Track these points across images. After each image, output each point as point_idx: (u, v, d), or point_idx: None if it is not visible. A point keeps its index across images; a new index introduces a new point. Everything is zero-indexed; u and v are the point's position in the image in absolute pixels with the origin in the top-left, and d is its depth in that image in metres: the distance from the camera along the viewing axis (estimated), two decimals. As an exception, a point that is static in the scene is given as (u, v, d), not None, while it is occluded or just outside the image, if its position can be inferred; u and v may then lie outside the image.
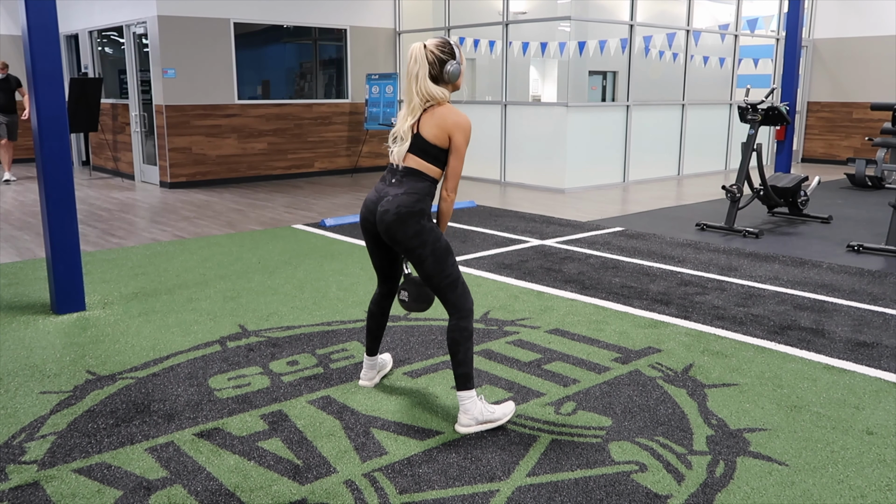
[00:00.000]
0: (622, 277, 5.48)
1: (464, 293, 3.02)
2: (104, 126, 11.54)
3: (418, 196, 2.96)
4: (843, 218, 8.08)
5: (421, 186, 2.97)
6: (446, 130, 2.94)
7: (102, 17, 11.14)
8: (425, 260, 2.96)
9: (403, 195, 2.96)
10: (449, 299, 3.01)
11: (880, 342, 4.13)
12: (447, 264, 2.98)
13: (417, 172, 2.98)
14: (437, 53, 2.94)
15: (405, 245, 2.97)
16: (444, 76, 2.96)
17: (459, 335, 3.00)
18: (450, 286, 3.00)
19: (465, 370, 3.01)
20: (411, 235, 2.94)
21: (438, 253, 2.97)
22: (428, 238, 2.95)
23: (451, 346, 3.01)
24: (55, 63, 4.36)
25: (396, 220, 2.93)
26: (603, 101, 16.64)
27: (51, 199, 4.46)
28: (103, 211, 8.42)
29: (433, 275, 2.98)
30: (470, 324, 3.02)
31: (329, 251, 6.32)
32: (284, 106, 10.97)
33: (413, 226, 2.93)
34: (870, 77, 12.80)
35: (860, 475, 2.73)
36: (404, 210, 2.93)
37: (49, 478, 2.69)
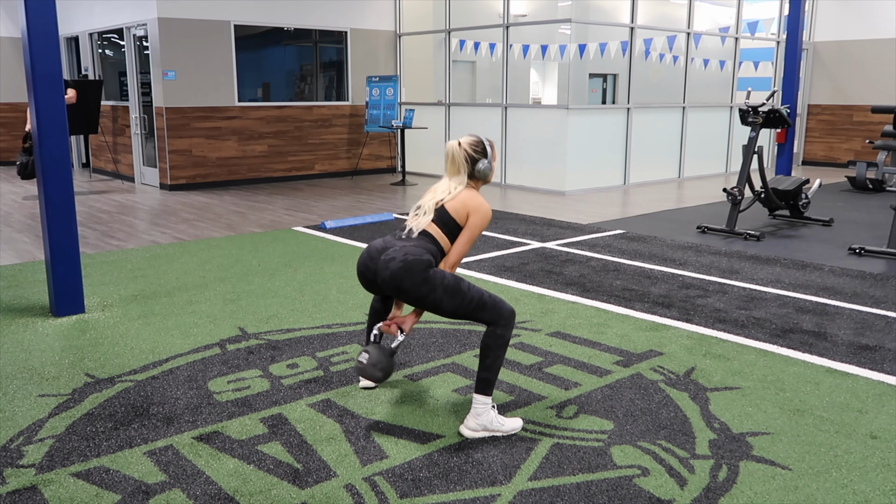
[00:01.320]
0: (623, 280, 5.46)
1: (494, 307, 2.99)
2: (104, 128, 11.53)
3: (427, 251, 2.99)
4: (845, 221, 8.07)
5: (431, 247, 3.03)
6: (468, 209, 3.09)
7: (102, 20, 11.14)
8: (441, 302, 2.94)
9: (412, 247, 2.98)
10: (483, 318, 2.99)
11: (883, 345, 4.11)
12: (463, 292, 2.96)
13: (430, 236, 3.06)
14: (470, 153, 3.15)
15: (414, 294, 2.94)
16: (476, 174, 3.16)
17: (493, 342, 2.98)
18: (477, 309, 2.98)
19: (488, 375, 2.99)
20: (419, 283, 2.91)
21: (450, 289, 2.94)
22: (435, 281, 2.93)
23: (483, 350, 3.00)
24: (55, 66, 4.35)
25: (403, 268, 2.91)
26: (603, 103, 16.65)
27: (50, 201, 4.45)
28: (103, 213, 8.40)
29: (457, 310, 2.97)
30: (508, 332, 3.00)
31: (329, 253, 6.30)
32: (285, 108, 10.96)
33: (420, 273, 2.91)
34: (870, 80, 12.80)
35: (864, 479, 2.71)
36: (412, 258, 2.93)
37: (47, 482, 2.67)
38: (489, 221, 3.16)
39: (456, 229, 3.10)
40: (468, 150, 3.15)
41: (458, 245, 3.10)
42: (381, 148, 12.15)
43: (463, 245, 3.11)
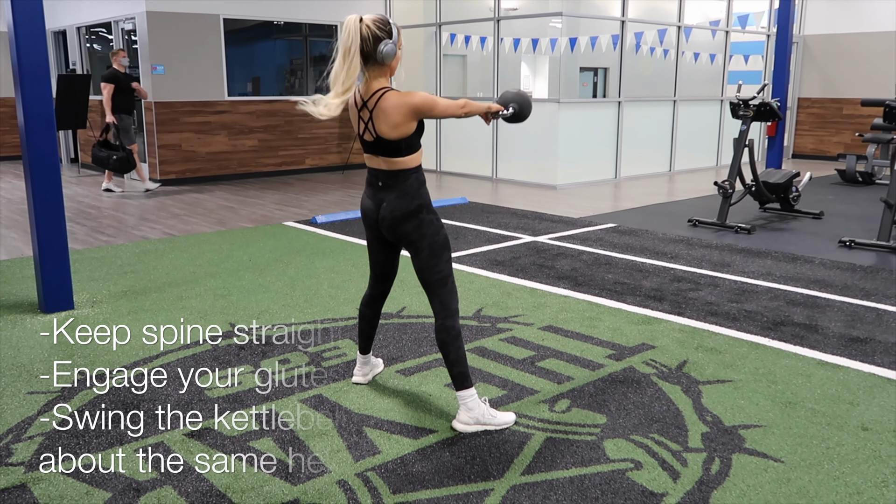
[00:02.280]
0: (615, 274, 5.47)
1: (451, 292, 3.00)
2: (93, 123, 11.44)
3: (411, 195, 2.94)
4: (835, 213, 8.10)
5: (409, 184, 2.94)
6: (408, 118, 2.82)
7: (90, 13, 11.04)
8: (421, 252, 2.95)
9: (396, 199, 2.95)
10: (437, 295, 2.98)
11: (873, 337, 4.13)
12: (441, 259, 2.96)
13: (397, 173, 2.93)
14: (374, 30, 2.76)
15: (406, 238, 2.98)
16: (378, 56, 2.78)
17: (447, 335, 2.97)
18: (440, 282, 2.98)
19: (459, 369, 2.98)
20: (411, 230, 2.95)
21: (435, 247, 2.96)
22: (426, 231, 2.95)
23: (442, 348, 2.99)
24: (42, 59, 4.30)
25: (395, 221, 2.96)
26: (594, 97, 16.64)
27: (38, 196, 4.41)
28: (92, 209, 8.34)
29: (425, 268, 2.97)
30: (456, 322, 3.00)
31: (320, 248, 6.28)
32: (275, 102, 10.90)
33: (412, 222, 2.94)
34: (860, 73, 12.83)
35: (855, 471, 2.72)
36: (399, 213, 2.94)
37: (36, 480, 2.64)
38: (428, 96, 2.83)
39: (412, 138, 2.87)
40: (371, 26, 2.75)
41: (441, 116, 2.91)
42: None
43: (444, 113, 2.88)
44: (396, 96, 2.82)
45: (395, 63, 2.88)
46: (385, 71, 2.87)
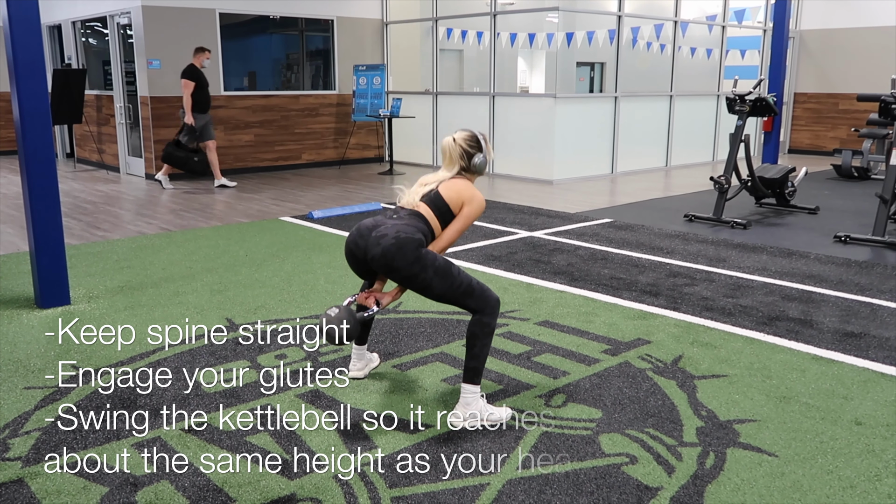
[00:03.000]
0: (611, 269, 5.48)
1: (482, 294, 3.00)
2: (88, 118, 11.41)
3: (417, 230, 2.98)
4: (830, 209, 8.12)
5: (421, 227, 3.02)
6: (462, 198, 3.12)
7: (86, 8, 11.00)
8: (431, 283, 2.94)
9: (404, 226, 2.97)
10: (469, 305, 3.00)
11: (868, 332, 4.15)
12: (453, 276, 2.96)
13: (421, 216, 3.05)
14: (466, 147, 3.20)
15: (405, 273, 2.92)
16: (472, 168, 3.22)
17: (480, 330, 2.98)
18: (464, 294, 2.98)
19: (476, 364, 2.99)
20: (411, 262, 2.90)
21: (441, 271, 2.94)
22: (427, 261, 2.93)
23: (469, 339, 3.00)
24: (37, 54, 4.29)
25: (395, 245, 2.90)
26: (591, 92, 16.64)
27: (34, 191, 4.40)
28: (88, 203, 8.33)
29: (445, 293, 2.97)
30: (493, 320, 3.01)
31: (317, 243, 6.28)
32: (271, 97, 10.89)
33: (412, 252, 2.91)
34: (856, 68, 12.85)
35: (849, 465, 2.74)
36: (404, 236, 2.92)
37: (34, 474, 2.65)
38: (482, 213, 3.21)
39: (448, 215, 3.11)
40: (463, 145, 3.19)
41: (450, 231, 3.12)
42: (369, 137, 12.10)
43: (454, 232, 3.13)
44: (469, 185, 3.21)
45: (484, 172, 3.32)
46: (474, 177, 3.29)
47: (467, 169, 3.23)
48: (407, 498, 2.51)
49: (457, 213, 3.13)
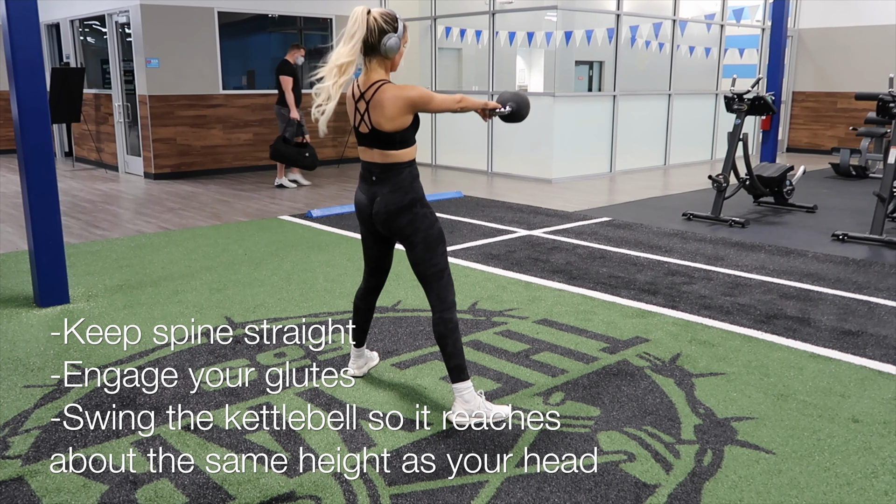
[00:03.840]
0: (609, 267, 5.49)
1: (448, 285, 3.02)
2: (87, 117, 11.41)
3: (404, 189, 2.95)
4: (828, 207, 8.13)
5: (402, 178, 2.95)
6: (404, 111, 2.84)
7: (84, 7, 10.99)
8: (416, 246, 2.97)
9: (389, 193, 2.95)
10: (433, 289, 3.00)
11: (865, 330, 4.16)
12: (437, 253, 2.98)
13: (391, 166, 2.93)
14: (381, 23, 2.82)
15: (400, 233, 2.99)
16: (382, 49, 2.83)
17: (444, 328, 2.99)
18: (435, 275, 2.99)
19: (456, 362, 3.00)
20: (405, 224, 2.96)
21: (430, 241, 2.97)
22: (420, 225, 2.95)
23: (439, 340, 3.01)
24: (36, 53, 4.29)
25: (389, 216, 2.96)
26: (590, 91, 16.65)
27: (33, 190, 4.40)
28: (87, 202, 8.33)
29: (420, 262, 2.98)
30: (454, 315, 3.01)
31: (316, 242, 6.28)
32: (270, 96, 10.88)
33: (406, 216, 2.95)
34: (854, 67, 12.86)
35: (846, 463, 2.75)
36: (393, 207, 2.95)
37: (33, 472, 2.66)
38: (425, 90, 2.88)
39: (408, 131, 2.89)
40: (378, 18, 2.82)
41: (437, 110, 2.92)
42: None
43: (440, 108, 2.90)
44: (394, 89, 2.84)
45: (398, 58, 2.91)
46: (386, 64, 2.91)
47: (374, 49, 2.83)
48: (406, 496, 2.52)
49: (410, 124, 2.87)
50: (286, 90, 8.92)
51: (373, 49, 2.85)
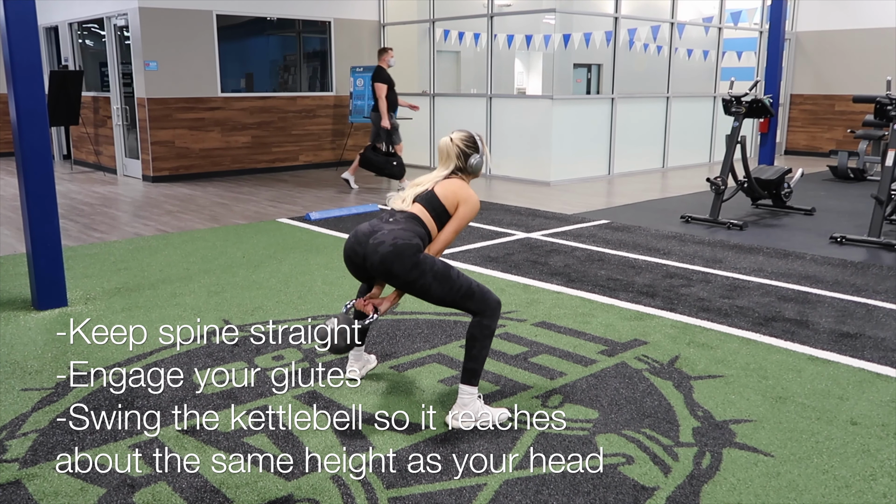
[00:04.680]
0: (608, 270, 5.49)
1: (482, 296, 2.99)
2: (85, 119, 11.41)
3: (415, 234, 2.97)
4: (826, 210, 8.14)
5: (418, 230, 3.00)
6: (458, 197, 3.12)
7: (83, 9, 11.00)
8: (430, 287, 2.94)
9: (400, 230, 2.96)
10: (470, 308, 3.00)
11: (863, 333, 4.16)
12: (452, 279, 2.96)
13: (417, 218, 3.05)
14: (462, 148, 3.21)
15: (404, 279, 2.93)
16: (469, 168, 3.23)
17: (479, 332, 2.98)
18: (465, 297, 2.98)
19: (475, 366, 3.00)
20: (410, 268, 2.91)
21: (440, 275, 2.94)
22: (426, 266, 2.93)
23: (469, 341, 3.00)
24: (34, 55, 4.29)
25: (393, 252, 2.90)
26: (588, 93, 16.66)
27: (31, 193, 4.40)
28: (85, 205, 8.33)
29: (444, 297, 2.97)
30: (494, 322, 3.01)
31: (314, 245, 6.28)
32: (268, 99, 10.89)
33: (410, 258, 2.91)
34: (852, 70, 12.89)
35: (844, 465, 2.75)
36: (401, 242, 2.91)
37: (31, 476, 2.65)
38: (477, 213, 3.23)
39: (444, 215, 3.11)
40: (460, 145, 3.20)
41: (446, 232, 3.12)
42: (366, 138, 12.08)
43: (450, 233, 3.13)
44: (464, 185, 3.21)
45: (480, 173, 3.34)
46: (470, 178, 3.30)
47: (463, 169, 3.24)
48: (404, 498, 2.52)
49: (452, 214, 3.13)
50: (380, 97, 8.80)
51: (461, 170, 3.26)
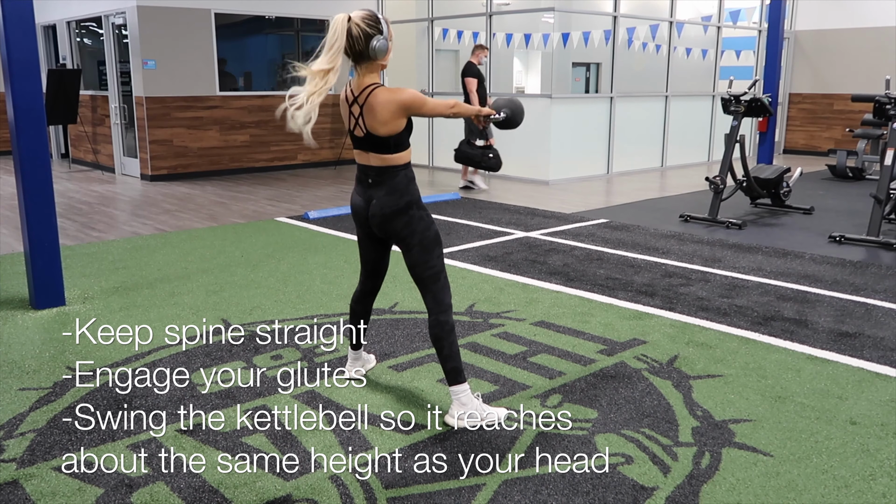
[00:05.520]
0: (607, 269, 5.48)
1: (444, 287, 3.01)
2: (83, 118, 11.39)
3: (400, 192, 2.95)
4: (825, 209, 8.14)
5: (398, 180, 2.95)
6: (397, 115, 2.83)
7: (81, 8, 10.97)
8: (412, 248, 2.96)
9: (385, 196, 2.95)
10: (430, 290, 2.99)
11: (862, 332, 4.16)
12: (433, 255, 2.97)
13: (386, 169, 2.94)
14: (364, 28, 2.78)
15: (396, 235, 2.99)
16: (371, 53, 2.80)
17: (441, 330, 2.98)
18: (432, 277, 2.98)
19: (453, 364, 2.99)
20: (401, 227, 2.96)
21: (426, 242, 2.96)
22: (417, 227, 2.95)
23: (436, 343, 3.00)
24: (32, 54, 4.28)
25: (385, 219, 2.96)
26: (587, 92, 16.66)
27: (28, 192, 4.39)
28: (83, 204, 8.31)
29: (417, 264, 2.97)
30: (450, 318, 3.00)
31: (313, 244, 6.27)
32: (266, 98, 10.87)
33: (402, 218, 2.94)
34: (850, 69, 12.89)
35: (844, 465, 2.75)
36: (389, 210, 2.95)
37: (29, 476, 2.64)
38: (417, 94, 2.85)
39: (402, 135, 2.88)
40: (361, 24, 2.78)
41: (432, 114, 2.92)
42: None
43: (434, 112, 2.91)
44: (386, 92, 2.84)
45: (387, 58, 2.89)
46: (376, 67, 2.90)
47: (362, 55, 2.81)
48: (403, 499, 2.51)
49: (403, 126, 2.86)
50: (470, 92, 8.90)
51: (361, 55, 2.84)
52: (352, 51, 2.82)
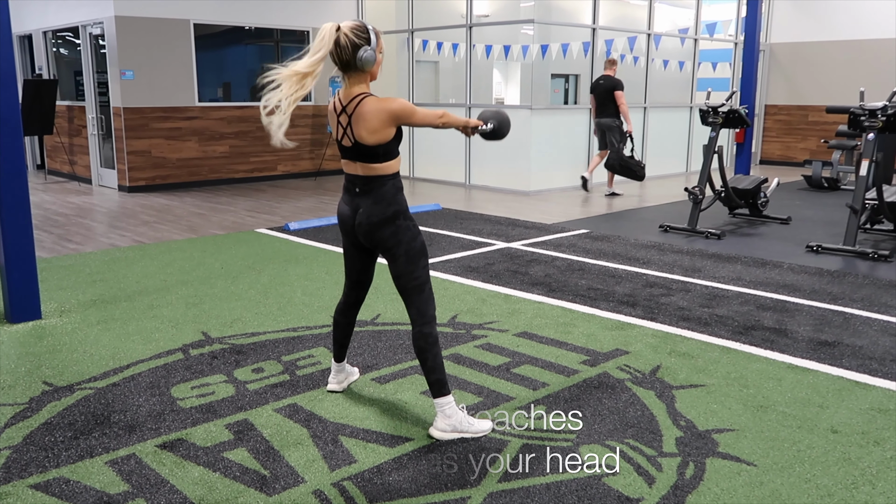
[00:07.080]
0: (588, 279, 5.50)
1: (429, 299, 3.00)
2: (60, 129, 11.26)
3: (387, 201, 2.93)
4: (802, 219, 8.24)
5: (385, 190, 2.94)
6: (387, 124, 2.82)
7: (57, 18, 10.87)
8: (398, 258, 2.94)
9: (373, 205, 2.93)
10: (414, 302, 2.98)
11: (841, 341, 4.20)
12: (418, 266, 2.96)
13: (374, 178, 2.93)
14: (352, 38, 2.78)
15: (383, 245, 2.97)
16: (358, 63, 2.80)
17: (424, 342, 2.97)
18: (416, 288, 2.97)
19: (437, 376, 2.98)
20: (388, 236, 2.94)
21: (412, 253, 2.95)
22: (403, 237, 2.94)
23: (419, 355, 2.98)
24: (7, 64, 4.22)
25: (371, 228, 2.95)
26: (566, 104, 16.76)
27: (4, 204, 4.32)
28: (59, 216, 8.20)
29: (402, 274, 2.96)
30: (434, 329, 2.99)
31: (293, 255, 6.23)
32: (246, 108, 10.82)
33: (389, 228, 2.93)
34: (824, 81, 13.09)
35: (826, 473, 2.76)
36: (376, 219, 2.93)
37: (4, 494, 2.58)
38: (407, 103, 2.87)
39: (391, 144, 2.87)
40: (350, 34, 2.76)
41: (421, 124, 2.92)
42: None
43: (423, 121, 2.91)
44: (375, 102, 2.83)
45: (376, 69, 2.90)
46: (365, 77, 2.90)
47: (350, 64, 2.80)
48: (387, 513, 2.49)
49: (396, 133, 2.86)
50: (621, 104, 9.30)
51: (348, 65, 2.84)
52: (339, 60, 2.83)
